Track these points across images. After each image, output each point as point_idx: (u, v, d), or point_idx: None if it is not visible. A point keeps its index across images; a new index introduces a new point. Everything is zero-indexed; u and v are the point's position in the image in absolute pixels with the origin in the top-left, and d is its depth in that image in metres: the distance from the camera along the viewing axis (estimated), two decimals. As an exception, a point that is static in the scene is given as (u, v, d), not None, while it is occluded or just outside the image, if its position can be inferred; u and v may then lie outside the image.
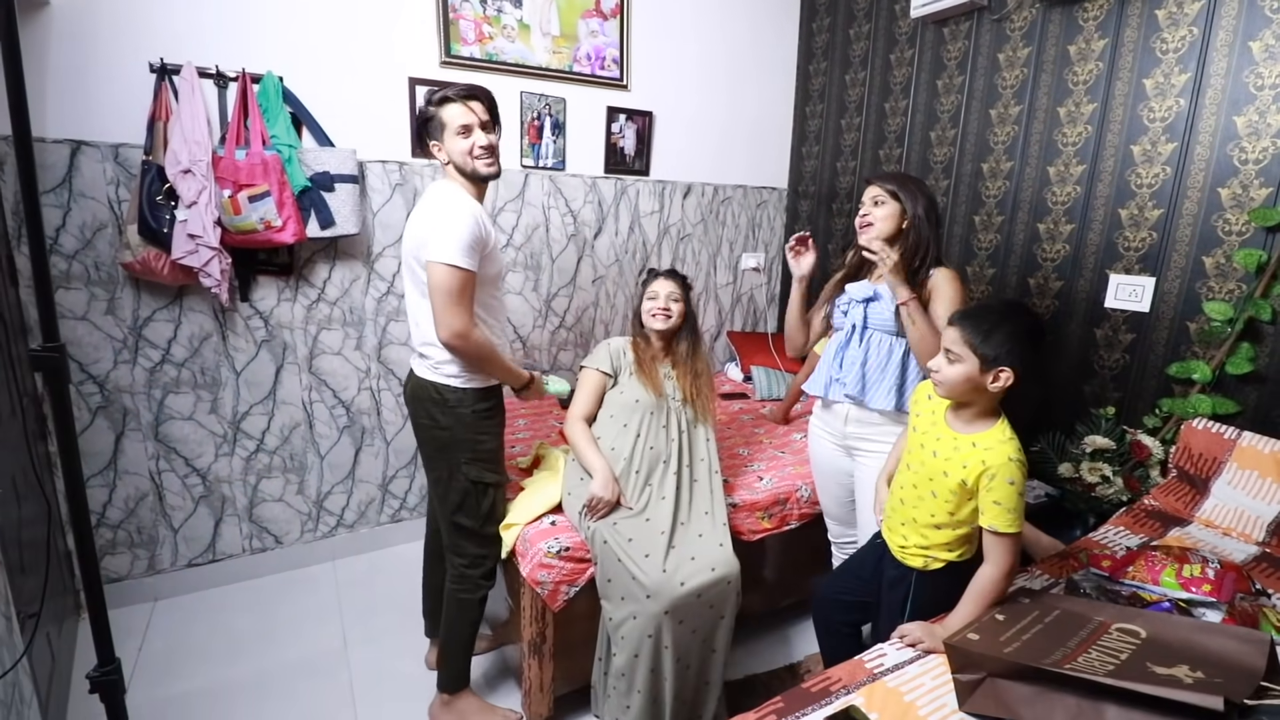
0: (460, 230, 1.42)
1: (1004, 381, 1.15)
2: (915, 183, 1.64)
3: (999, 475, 1.14)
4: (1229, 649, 0.95)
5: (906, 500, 1.31)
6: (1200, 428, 1.86)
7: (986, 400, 1.21)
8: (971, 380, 1.17)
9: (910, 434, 1.36)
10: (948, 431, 1.25)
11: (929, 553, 1.30)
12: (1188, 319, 1.95)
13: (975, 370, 1.16)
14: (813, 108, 3.16)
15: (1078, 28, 2.14)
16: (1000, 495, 1.14)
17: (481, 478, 1.61)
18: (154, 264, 1.91)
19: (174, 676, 1.88)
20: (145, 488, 2.16)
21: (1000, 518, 1.14)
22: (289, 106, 2.08)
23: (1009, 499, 1.14)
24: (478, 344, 1.48)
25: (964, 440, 1.21)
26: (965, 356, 1.17)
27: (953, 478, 1.20)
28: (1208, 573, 1.25)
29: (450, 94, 1.52)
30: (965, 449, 1.20)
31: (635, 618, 1.50)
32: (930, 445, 1.27)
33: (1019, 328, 1.16)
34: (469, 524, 1.62)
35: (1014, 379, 1.15)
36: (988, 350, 1.14)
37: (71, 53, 1.84)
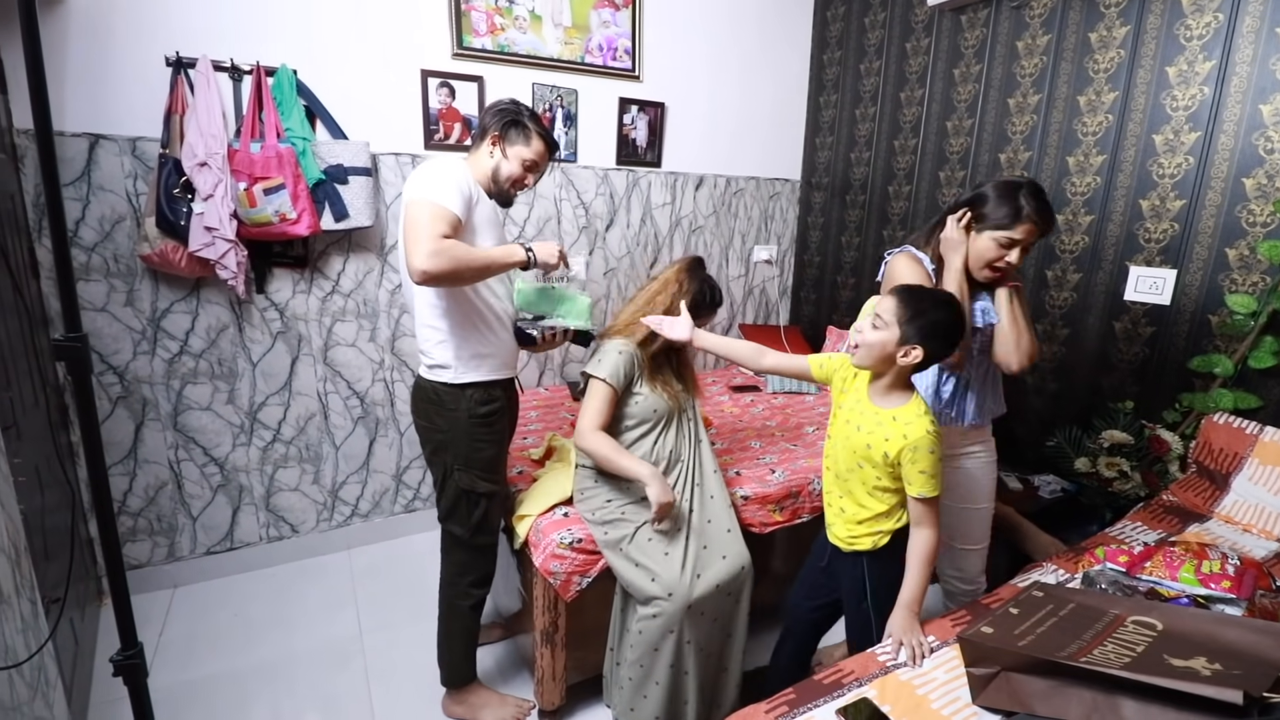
0: (445, 178, 1.39)
1: (912, 358, 1.24)
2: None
3: (920, 447, 1.23)
4: (1247, 641, 0.94)
5: (841, 474, 1.38)
6: (1221, 422, 1.83)
7: (895, 373, 1.29)
8: (886, 348, 1.25)
9: (836, 411, 1.42)
10: (870, 407, 1.33)
11: (874, 528, 1.35)
12: (1210, 312, 1.92)
13: (893, 340, 1.24)
14: (826, 98, 3.13)
15: (1099, 14, 2.10)
16: (924, 464, 1.24)
17: (473, 486, 1.56)
18: (171, 256, 1.93)
19: (193, 662, 1.91)
20: (165, 476, 2.19)
21: (927, 484, 1.25)
22: (303, 99, 2.09)
23: (932, 466, 1.24)
24: (450, 250, 1.31)
25: (885, 415, 1.29)
26: (890, 326, 1.25)
27: (876, 450, 1.28)
28: (1227, 569, 1.23)
29: (545, 134, 1.57)
30: (887, 423, 1.28)
31: (656, 616, 1.49)
32: (855, 420, 1.34)
33: (944, 319, 1.25)
34: (458, 532, 1.60)
35: (921, 358, 1.24)
36: (910, 327, 1.23)
37: (89, 47, 1.86)
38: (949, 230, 1.46)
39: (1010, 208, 1.39)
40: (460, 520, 1.59)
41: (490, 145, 1.53)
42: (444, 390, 1.52)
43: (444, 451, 1.56)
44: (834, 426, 1.41)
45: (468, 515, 1.58)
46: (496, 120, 1.53)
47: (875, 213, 2.95)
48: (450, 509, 1.59)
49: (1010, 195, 1.39)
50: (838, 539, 1.41)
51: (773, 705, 1.02)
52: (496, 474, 1.63)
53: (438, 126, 2.36)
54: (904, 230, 2.82)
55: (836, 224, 3.16)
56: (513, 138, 1.53)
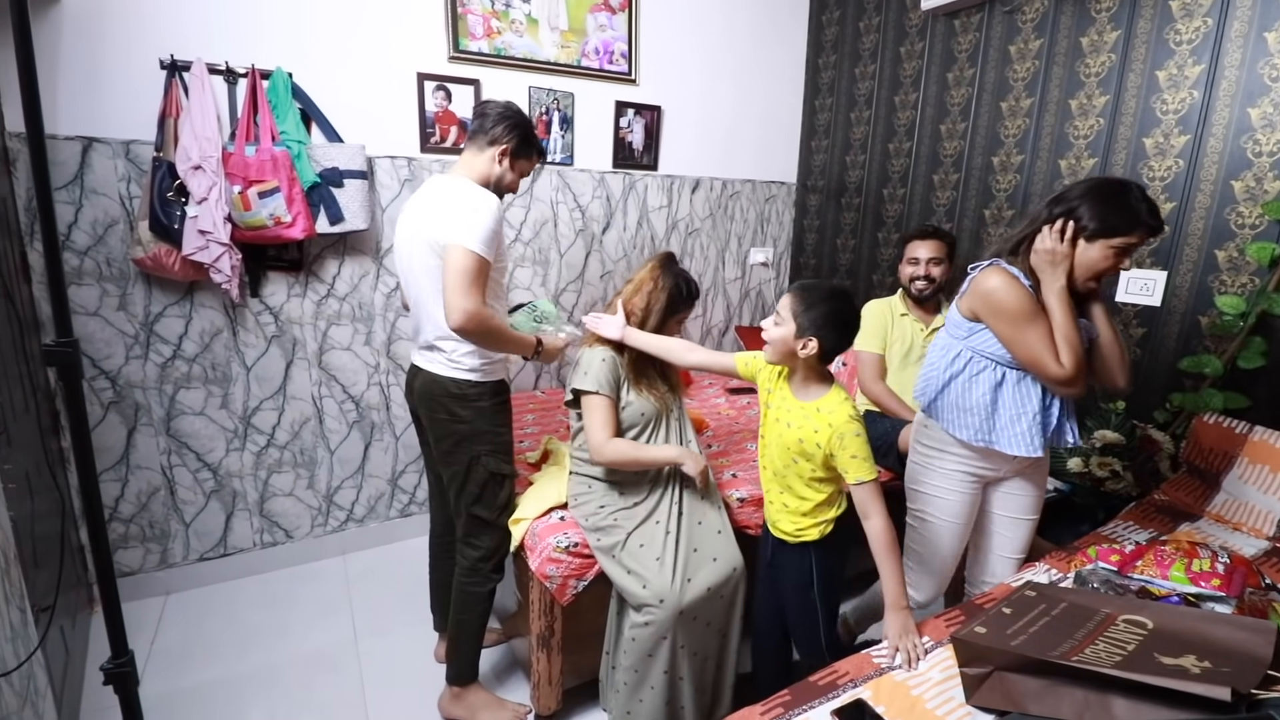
0: (485, 219, 1.44)
1: (809, 350, 1.27)
2: None
3: (846, 433, 1.26)
4: (1236, 639, 0.95)
5: (778, 471, 1.41)
6: (1211, 422, 1.85)
7: (801, 366, 1.33)
8: (786, 343, 1.30)
9: (765, 410, 1.45)
10: (795, 402, 1.36)
11: (819, 517, 1.38)
12: (1199, 313, 1.94)
13: (791, 334, 1.28)
14: (822, 101, 3.15)
15: (1090, 19, 2.12)
16: (854, 448, 1.26)
17: (500, 469, 1.65)
18: (165, 260, 1.92)
19: (187, 669, 1.90)
20: (157, 482, 2.18)
21: (861, 468, 1.26)
22: (298, 102, 2.09)
23: (861, 449, 1.27)
24: (488, 323, 1.47)
25: (809, 407, 1.32)
26: (787, 321, 1.30)
27: (808, 443, 1.31)
28: (1217, 567, 1.24)
29: (541, 149, 1.68)
30: (812, 415, 1.31)
31: (649, 624, 1.49)
32: (784, 417, 1.37)
33: (838, 310, 1.28)
34: (486, 515, 1.64)
35: (817, 350, 1.28)
36: (805, 320, 1.27)
37: (83, 50, 1.86)
38: (1049, 244, 1.31)
39: (1126, 214, 1.27)
40: (488, 503, 1.64)
41: (498, 155, 1.57)
42: (468, 385, 1.58)
43: (469, 441, 1.61)
44: (765, 426, 1.44)
45: (495, 496, 1.65)
46: (508, 134, 1.57)
47: (870, 215, 2.97)
48: (478, 494, 1.63)
49: (1121, 200, 1.28)
50: (784, 533, 1.44)
51: (769, 706, 1.02)
52: (512, 457, 1.73)
53: (434, 129, 2.36)
54: (899, 233, 2.83)
55: (832, 226, 3.17)
56: (520, 152, 1.59)
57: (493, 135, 1.56)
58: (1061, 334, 1.29)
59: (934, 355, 1.53)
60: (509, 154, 1.58)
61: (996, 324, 1.36)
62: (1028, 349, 1.31)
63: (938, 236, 2.13)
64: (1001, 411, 1.39)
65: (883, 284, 2.93)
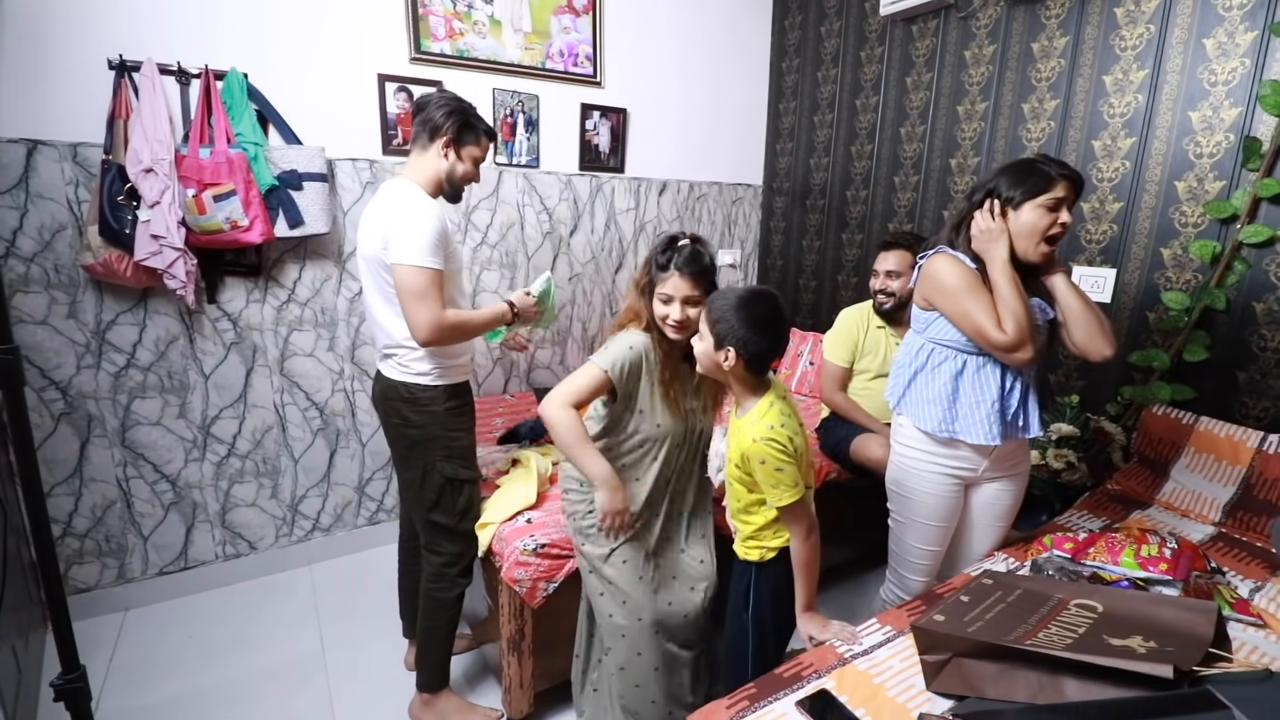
0: (425, 230, 1.42)
1: (730, 361, 1.21)
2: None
3: (752, 458, 1.21)
4: (1180, 619, 0.99)
5: (729, 491, 1.37)
6: (1160, 414, 1.92)
7: (737, 380, 1.27)
8: (710, 357, 1.24)
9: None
10: (734, 419, 1.31)
11: (760, 543, 1.34)
12: (1147, 309, 2.01)
13: (711, 348, 1.23)
14: (786, 104, 3.19)
15: (1040, 25, 2.19)
16: (762, 474, 1.21)
17: (456, 474, 1.61)
18: (116, 266, 1.87)
19: (146, 686, 1.84)
20: (113, 495, 2.11)
21: (773, 494, 1.21)
22: (254, 104, 2.05)
23: (769, 476, 1.20)
24: (453, 325, 1.47)
25: (739, 424, 1.27)
26: (705, 335, 1.25)
27: (733, 461, 1.28)
28: (1164, 552, 1.29)
29: (489, 129, 1.61)
30: (737, 432, 1.27)
31: (624, 635, 1.48)
32: (729, 435, 1.32)
33: (748, 316, 1.20)
34: (445, 521, 1.62)
35: (737, 360, 1.21)
36: (719, 329, 1.21)
37: (26, 49, 1.80)
38: (983, 222, 1.36)
39: (1038, 172, 1.33)
40: (446, 509, 1.62)
41: (442, 149, 1.53)
42: (419, 389, 1.55)
43: (422, 446, 1.58)
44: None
45: (453, 502, 1.62)
46: (448, 123, 1.52)
47: (835, 217, 3.02)
48: (435, 501, 1.60)
49: (1029, 167, 1.35)
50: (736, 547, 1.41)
51: (734, 701, 1.03)
52: (474, 461, 1.69)
53: (396, 131, 2.34)
54: (863, 234, 2.88)
55: (798, 228, 3.21)
56: (465, 139, 1.54)
57: (432, 128, 1.52)
58: (1005, 303, 1.31)
59: (900, 354, 1.56)
60: (453, 143, 1.53)
61: (942, 301, 1.39)
62: (970, 320, 1.33)
63: (900, 246, 2.05)
64: (962, 399, 1.40)
65: (848, 284, 2.98)
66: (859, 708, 1.00)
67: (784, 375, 2.95)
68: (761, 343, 1.21)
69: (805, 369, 2.88)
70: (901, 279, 2.05)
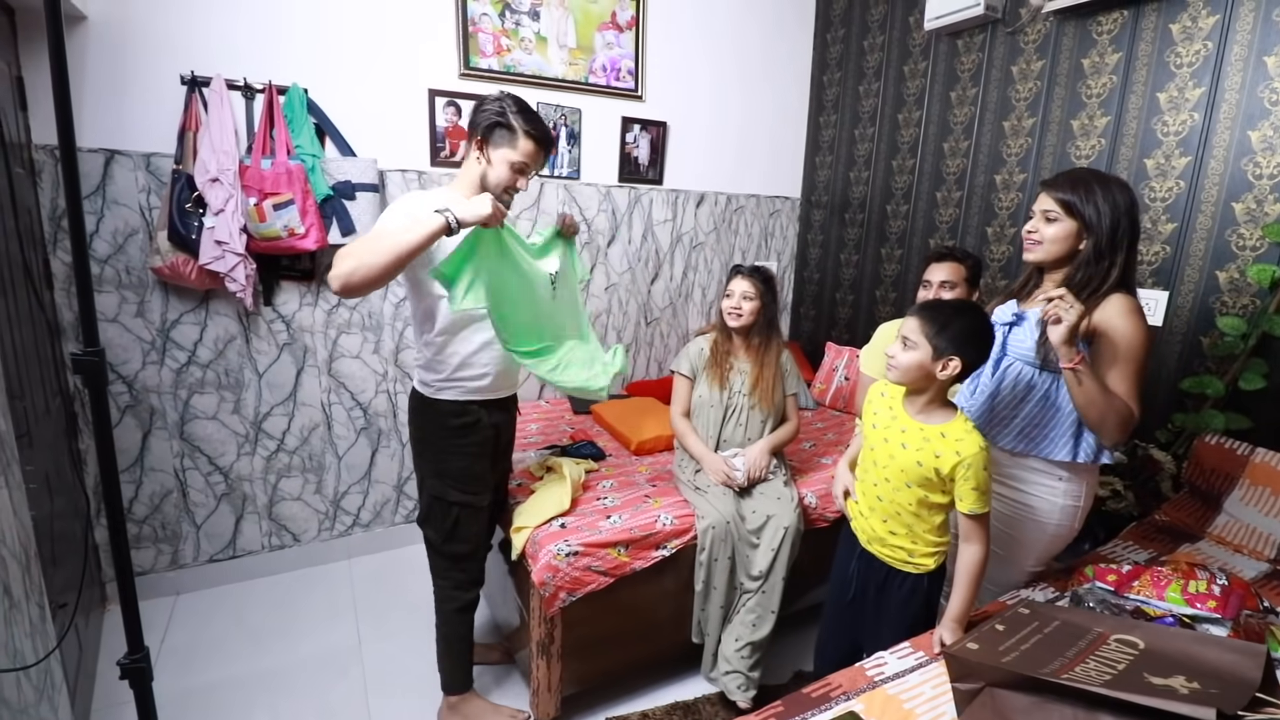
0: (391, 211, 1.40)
1: (951, 370, 1.23)
2: (1104, 187, 1.30)
3: (974, 464, 1.21)
4: (1226, 661, 0.96)
5: (884, 495, 1.35)
6: (1213, 443, 1.85)
7: (936, 388, 1.28)
8: (923, 367, 1.25)
9: (870, 431, 1.39)
10: (912, 423, 1.30)
11: (931, 547, 1.34)
12: (1201, 334, 1.95)
13: (928, 358, 1.24)
14: (826, 118, 3.18)
15: (1091, 41, 2.14)
16: (976, 481, 1.22)
17: (444, 494, 1.57)
18: (182, 269, 1.98)
19: (195, 669, 1.94)
20: (170, 484, 2.22)
21: (979, 501, 1.23)
22: (313, 117, 2.15)
23: (984, 483, 1.23)
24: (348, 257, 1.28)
25: (931, 431, 1.27)
26: (920, 345, 1.25)
27: (926, 466, 1.25)
28: (1214, 589, 1.25)
29: (535, 132, 1.45)
30: (935, 440, 1.26)
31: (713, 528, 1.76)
32: (896, 439, 1.31)
33: (971, 324, 1.24)
34: (431, 536, 1.63)
35: (960, 368, 1.23)
36: (940, 341, 1.22)
37: (107, 65, 1.92)
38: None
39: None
40: (434, 526, 1.62)
41: (475, 152, 1.46)
42: (421, 399, 1.57)
43: (418, 456, 1.61)
44: (875, 451, 1.37)
45: (440, 522, 1.60)
46: (481, 122, 1.44)
47: (874, 231, 2.99)
48: (425, 514, 1.63)
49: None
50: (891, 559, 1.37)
51: (762, 716, 1.04)
52: (472, 486, 1.60)
53: (444, 144, 2.42)
54: (902, 249, 2.85)
55: (836, 241, 3.20)
56: (496, 140, 1.44)
57: (469, 128, 1.46)
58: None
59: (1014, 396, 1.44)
60: (483, 144, 1.44)
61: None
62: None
63: (954, 258, 1.96)
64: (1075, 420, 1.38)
65: (886, 299, 2.95)
66: (887, 731, 0.99)
67: (818, 390, 2.93)
68: (979, 352, 1.25)
69: (840, 384, 2.86)
70: (957, 291, 1.92)
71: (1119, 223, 1.29)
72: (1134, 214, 1.31)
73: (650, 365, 3.11)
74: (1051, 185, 1.35)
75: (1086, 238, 1.31)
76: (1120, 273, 1.30)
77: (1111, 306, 1.30)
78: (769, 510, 1.81)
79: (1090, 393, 1.25)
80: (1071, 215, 1.32)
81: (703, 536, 1.77)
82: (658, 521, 1.77)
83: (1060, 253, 1.34)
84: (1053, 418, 1.38)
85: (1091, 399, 1.26)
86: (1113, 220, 1.29)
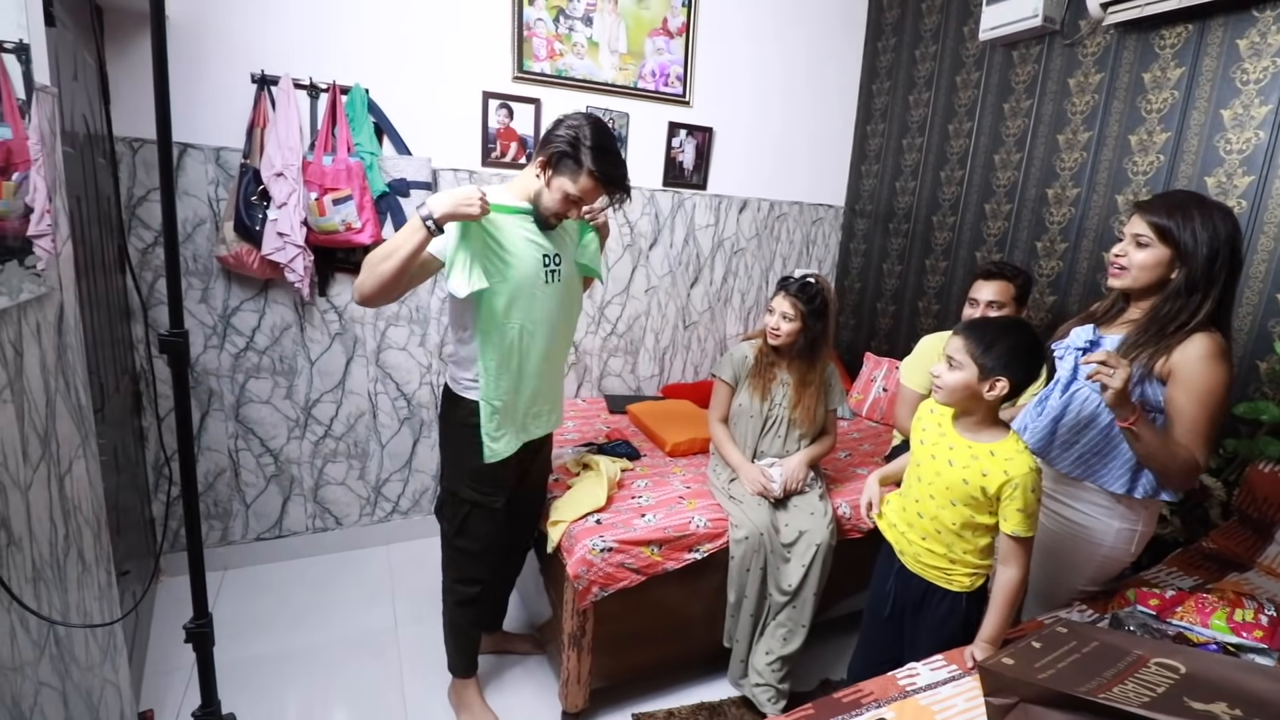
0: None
1: (999, 391, 1.21)
2: (1204, 212, 1.22)
3: (1022, 485, 1.20)
4: (1272, 691, 0.94)
5: (925, 512, 1.34)
6: (1267, 471, 1.79)
7: (985, 408, 1.26)
8: (970, 387, 1.23)
9: (917, 447, 1.38)
10: (960, 441, 1.29)
11: (970, 569, 1.32)
12: (1258, 358, 1.89)
13: (974, 378, 1.22)
14: (874, 127, 3.16)
15: (1153, 55, 2.10)
16: (1023, 503, 1.20)
17: (456, 490, 1.60)
18: (245, 258, 2.07)
19: (240, 642, 2.02)
20: (224, 464, 2.33)
21: (1023, 523, 1.21)
22: (373, 117, 2.23)
23: (1031, 505, 1.21)
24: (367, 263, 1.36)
25: (980, 449, 1.25)
26: (966, 365, 1.23)
27: (973, 485, 1.24)
28: (1261, 619, 1.22)
29: (600, 173, 1.43)
30: (984, 458, 1.24)
31: (741, 544, 1.76)
32: (944, 455, 1.30)
33: (1019, 343, 1.21)
34: (445, 528, 1.67)
35: (1008, 389, 1.21)
36: (987, 360, 1.21)
37: (182, 64, 2.03)
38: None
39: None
40: (447, 517, 1.66)
41: (537, 168, 1.48)
42: (447, 393, 1.61)
43: (443, 450, 1.67)
44: (920, 467, 1.36)
45: (452, 515, 1.64)
46: (553, 143, 1.45)
47: (918, 242, 2.96)
48: (440, 505, 1.69)
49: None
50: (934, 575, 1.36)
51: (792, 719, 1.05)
52: (485, 487, 1.59)
53: (495, 145, 2.48)
54: (948, 261, 2.82)
55: (879, 251, 3.17)
56: (560, 168, 1.44)
57: (541, 142, 1.47)
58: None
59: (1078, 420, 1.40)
60: (546, 164, 1.44)
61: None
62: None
63: (1003, 277, 1.92)
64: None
65: (929, 311, 2.92)
66: (918, 740, 1.00)
67: (855, 400, 2.91)
68: (1028, 371, 1.22)
69: (878, 395, 2.84)
70: (1005, 310, 1.91)
71: (1217, 253, 1.20)
72: (1235, 243, 1.22)
73: (687, 369, 3.13)
74: (1146, 208, 1.27)
75: (1179, 267, 1.23)
76: (1213, 307, 1.22)
77: (1193, 347, 1.21)
78: (802, 525, 1.81)
79: (1150, 448, 1.22)
80: (1165, 241, 1.24)
81: (735, 546, 1.77)
82: (691, 523, 1.79)
83: (1149, 281, 1.27)
84: (1114, 449, 1.34)
85: (1151, 453, 1.22)
86: (1210, 250, 1.20)
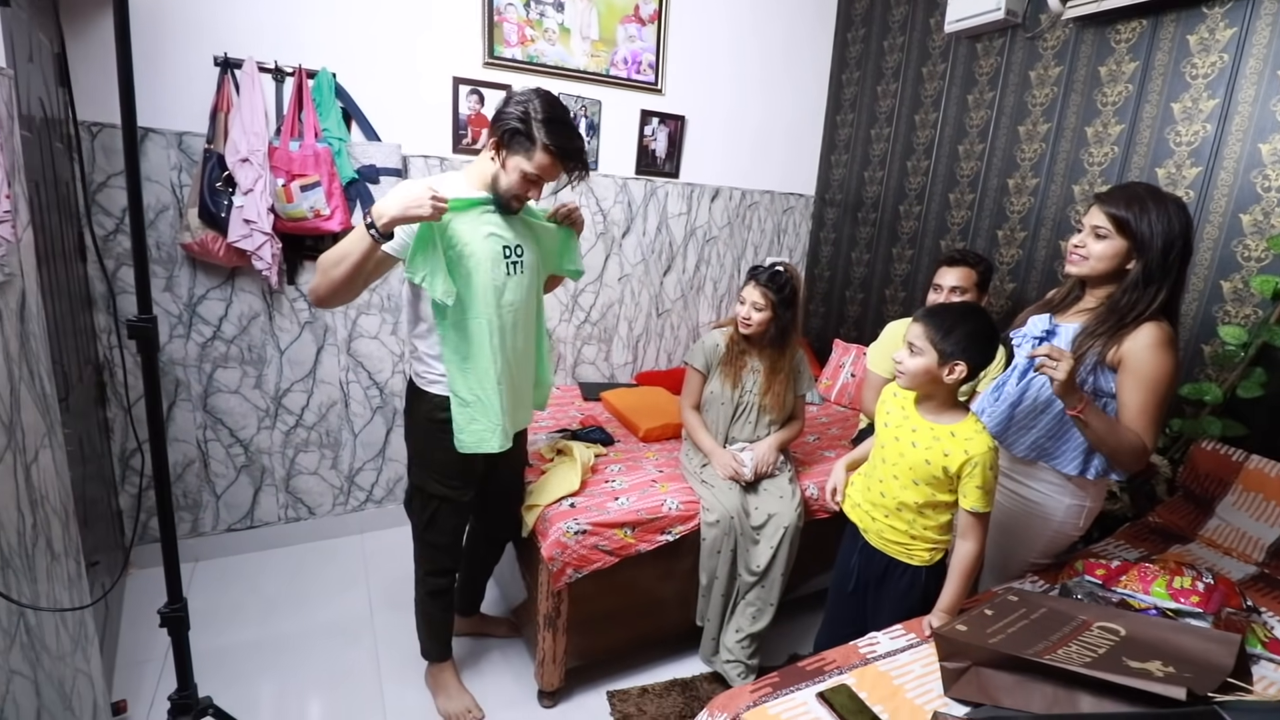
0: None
1: (958, 374, 1.26)
2: (1160, 205, 1.26)
3: (981, 463, 1.26)
4: (1201, 648, 1.01)
5: (888, 492, 1.40)
6: (1209, 449, 1.89)
7: (945, 391, 1.32)
8: (930, 372, 1.28)
9: (882, 429, 1.44)
10: (923, 423, 1.35)
11: (930, 544, 1.38)
12: (1203, 341, 1.98)
13: (934, 363, 1.28)
14: (843, 117, 3.21)
15: (1109, 49, 2.17)
16: (982, 480, 1.27)
17: (423, 485, 1.58)
18: (211, 246, 2.04)
19: (212, 633, 2.01)
20: (193, 455, 2.30)
21: (981, 500, 1.28)
22: (340, 102, 2.20)
23: (989, 482, 1.27)
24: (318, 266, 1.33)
25: (942, 430, 1.31)
26: (926, 350, 1.28)
27: (935, 465, 1.30)
28: (1198, 586, 1.30)
29: (555, 146, 1.36)
30: (945, 439, 1.30)
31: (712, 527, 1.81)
32: (907, 437, 1.36)
33: (975, 328, 1.27)
34: (413, 520, 1.68)
35: (966, 372, 1.26)
36: (946, 345, 1.26)
37: (142, 45, 1.96)
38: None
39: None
40: (415, 512, 1.66)
41: (490, 150, 1.40)
42: (411, 386, 1.59)
43: (409, 445, 1.65)
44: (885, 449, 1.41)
45: (420, 510, 1.63)
46: (502, 121, 1.36)
47: (886, 230, 3.03)
48: (408, 499, 1.68)
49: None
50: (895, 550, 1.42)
51: (758, 686, 1.10)
52: (451, 481, 1.57)
53: (466, 132, 2.47)
54: (913, 249, 2.89)
55: (848, 240, 3.23)
56: (513, 146, 1.37)
57: (491, 123, 1.39)
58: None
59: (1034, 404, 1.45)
60: (499, 146, 1.37)
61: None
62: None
63: (966, 263, 2.00)
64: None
65: (895, 298, 2.99)
66: (877, 704, 1.05)
67: (824, 385, 2.98)
68: (984, 355, 1.27)
69: (846, 380, 2.91)
70: (968, 295, 1.99)
71: (1173, 245, 1.25)
72: (1188, 236, 1.27)
73: (660, 356, 3.16)
74: (1105, 200, 1.32)
75: (1137, 259, 1.28)
76: (1166, 297, 1.28)
77: (1142, 336, 1.27)
78: (771, 508, 1.86)
79: (1098, 433, 1.28)
80: (1123, 233, 1.28)
81: (707, 530, 1.82)
82: (664, 506, 1.83)
83: (1106, 270, 1.33)
84: (1068, 433, 1.41)
85: (1100, 438, 1.29)
86: (1166, 242, 1.25)
